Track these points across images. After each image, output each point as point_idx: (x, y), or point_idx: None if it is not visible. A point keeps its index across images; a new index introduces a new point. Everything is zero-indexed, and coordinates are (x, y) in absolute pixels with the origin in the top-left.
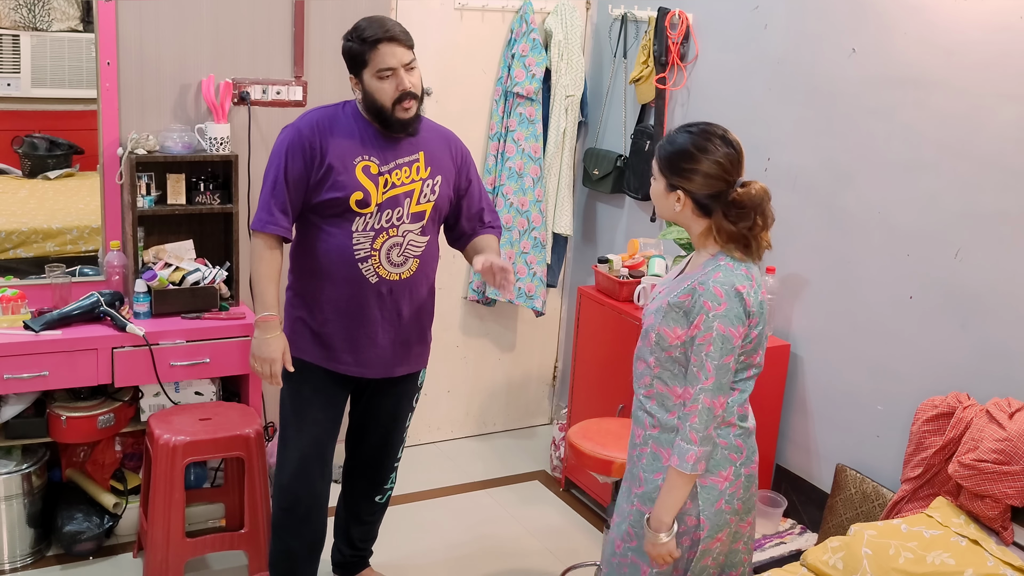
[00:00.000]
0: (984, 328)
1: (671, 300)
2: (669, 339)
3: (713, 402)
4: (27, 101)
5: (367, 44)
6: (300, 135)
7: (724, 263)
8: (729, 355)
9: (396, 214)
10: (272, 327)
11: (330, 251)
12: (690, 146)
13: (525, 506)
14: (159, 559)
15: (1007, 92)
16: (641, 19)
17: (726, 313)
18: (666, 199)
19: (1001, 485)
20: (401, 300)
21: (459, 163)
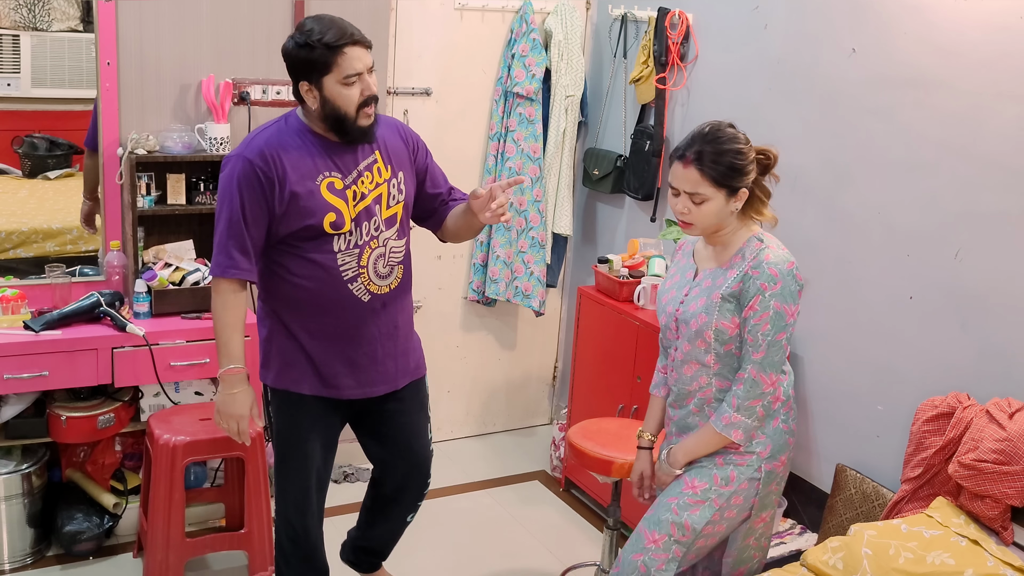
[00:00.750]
0: (984, 328)
1: (724, 293)
2: (729, 331)
3: (761, 375)
4: (27, 101)
5: (331, 49)
6: (251, 166)
7: (767, 244)
8: (782, 332)
9: (373, 224)
10: (238, 381)
11: (314, 277)
12: (734, 146)
13: (525, 506)
14: (159, 559)
15: (1007, 92)
16: (641, 19)
17: (782, 291)
18: (726, 206)
19: (1001, 485)
20: (396, 312)
21: (413, 150)
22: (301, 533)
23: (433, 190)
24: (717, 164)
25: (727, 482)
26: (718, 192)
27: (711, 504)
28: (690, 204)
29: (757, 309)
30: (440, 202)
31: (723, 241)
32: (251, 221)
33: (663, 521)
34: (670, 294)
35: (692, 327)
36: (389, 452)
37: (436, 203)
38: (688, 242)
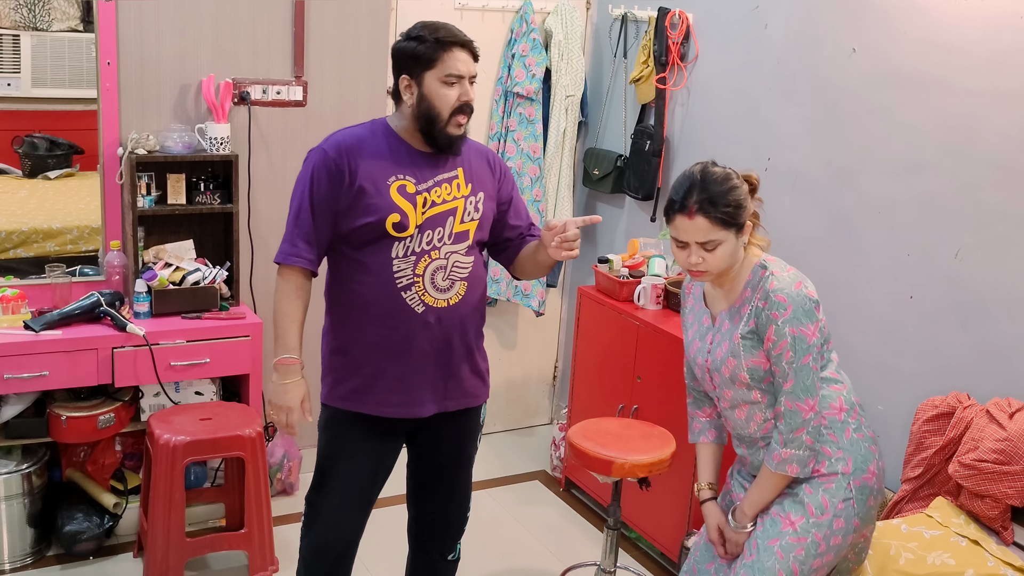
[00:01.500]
0: (984, 328)
1: (742, 332)
2: (762, 367)
3: (796, 403)
4: (27, 101)
5: (441, 44)
6: (326, 157)
7: (772, 271)
8: (806, 355)
9: (438, 235)
10: (291, 371)
11: (369, 283)
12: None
13: (525, 506)
14: (159, 559)
15: (1007, 92)
16: (641, 19)
17: (794, 315)
18: (737, 242)
19: (1001, 485)
20: (451, 329)
21: (499, 178)
22: (328, 549)
23: (515, 221)
24: (722, 206)
25: (822, 510)
26: (728, 233)
27: (813, 539)
28: (703, 253)
29: (775, 339)
30: (518, 235)
31: (730, 278)
32: (318, 212)
33: (769, 569)
34: (695, 345)
35: (725, 373)
36: (431, 476)
37: (514, 236)
38: (695, 286)
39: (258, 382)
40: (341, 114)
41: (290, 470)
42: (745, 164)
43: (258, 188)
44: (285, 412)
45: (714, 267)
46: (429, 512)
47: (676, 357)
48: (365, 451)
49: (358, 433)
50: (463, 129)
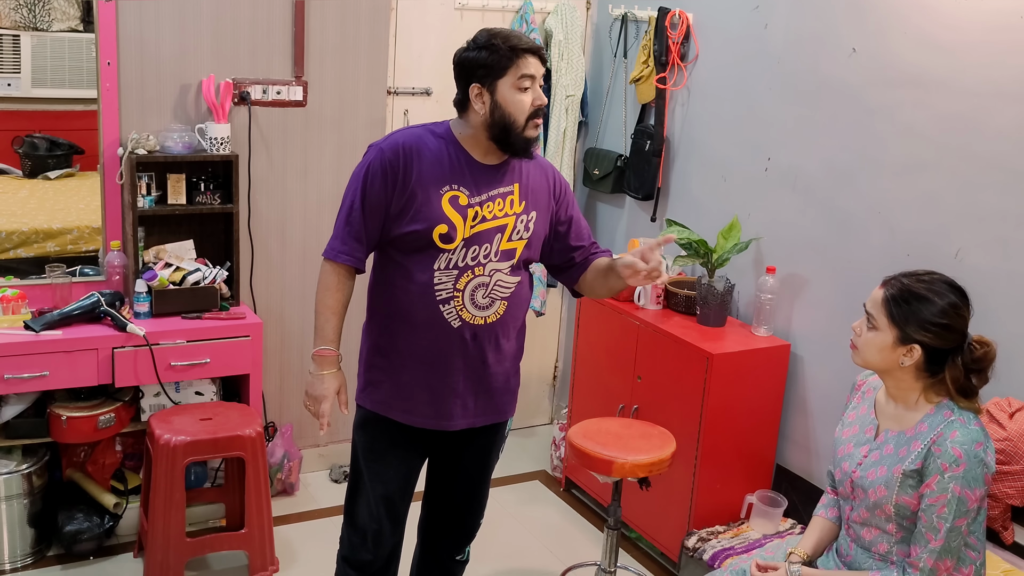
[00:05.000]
0: (984, 328)
1: (906, 469)
2: (912, 507)
3: (938, 564)
4: (27, 101)
5: (515, 51)
6: (383, 156)
7: (956, 418)
8: (963, 518)
9: (483, 251)
10: (328, 363)
11: (409, 291)
12: (930, 295)
13: (525, 506)
14: (159, 559)
15: (1007, 92)
16: (641, 19)
17: (964, 475)
18: (892, 352)
19: (1001, 485)
20: (486, 347)
21: (559, 196)
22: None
23: (576, 242)
24: (900, 299)
25: None
26: (892, 329)
27: None
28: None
29: (935, 489)
30: (582, 257)
31: (904, 399)
32: (369, 211)
33: None
34: (846, 448)
35: (871, 497)
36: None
37: (578, 257)
38: (871, 387)
39: (258, 382)
40: (341, 114)
41: (290, 470)
42: (745, 164)
43: (258, 188)
44: (317, 402)
45: (869, 349)
46: (444, 516)
47: (676, 357)
48: (397, 457)
49: (390, 438)
50: (539, 131)
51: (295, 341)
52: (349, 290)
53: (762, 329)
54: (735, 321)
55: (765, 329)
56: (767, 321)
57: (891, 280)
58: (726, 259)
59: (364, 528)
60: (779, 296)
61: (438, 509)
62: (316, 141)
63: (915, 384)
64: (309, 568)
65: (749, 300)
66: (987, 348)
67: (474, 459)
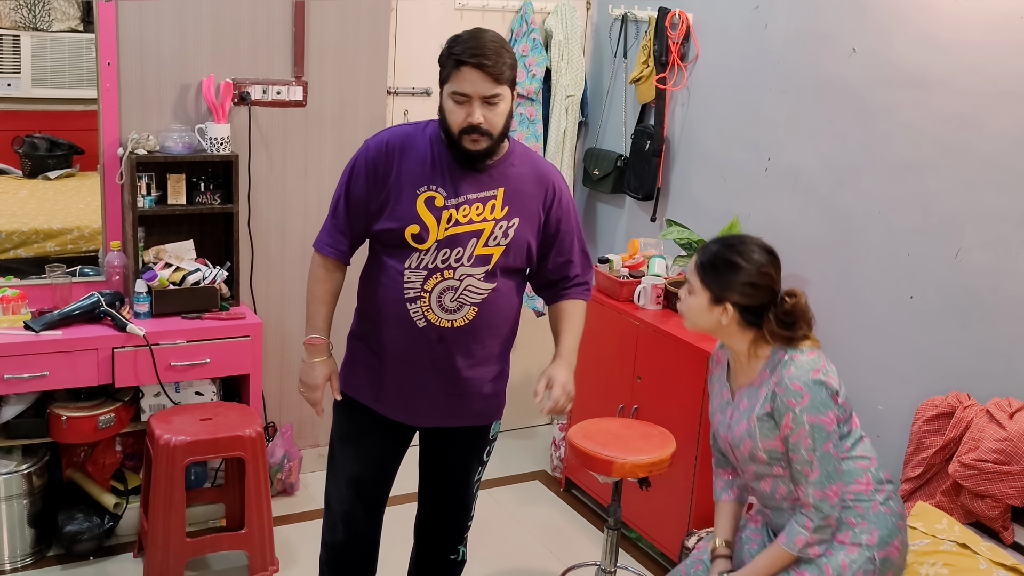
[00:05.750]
0: (984, 328)
1: (758, 414)
2: (779, 448)
3: (825, 493)
4: (27, 101)
5: (451, 60)
6: (367, 154)
7: (788, 357)
8: (827, 442)
9: (455, 254)
10: (318, 351)
11: (383, 285)
12: (736, 257)
13: (525, 506)
14: (159, 559)
15: (1007, 92)
16: (641, 19)
17: (811, 404)
18: (709, 312)
19: (1001, 485)
20: (455, 350)
21: (549, 206)
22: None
23: (552, 263)
24: (706, 262)
25: (839, 571)
26: (704, 291)
27: None
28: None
29: (792, 427)
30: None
31: (743, 355)
32: (353, 206)
33: None
34: (716, 417)
35: (744, 451)
36: (436, 480)
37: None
38: (724, 355)
39: (258, 382)
40: (341, 114)
41: (290, 470)
42: (745, 164)
43: (258, 188)
44: (312, 390)
45: (690, 313)
46: (431, 515)
47: (676, 357)
48: (371, 441)
49: (365, 423)
50: (480, 146)
51: (295, 341)
52: (338, 280)
53: None
54: None
55: None
56: None
57: (705, 246)
58: None
59: (335, 510)
60: None
61: (426, 508)
62: (316, 141)
63: (745, 339)
64: (309, 568)
65: None
66: (796, 300)
67: (455, 461)
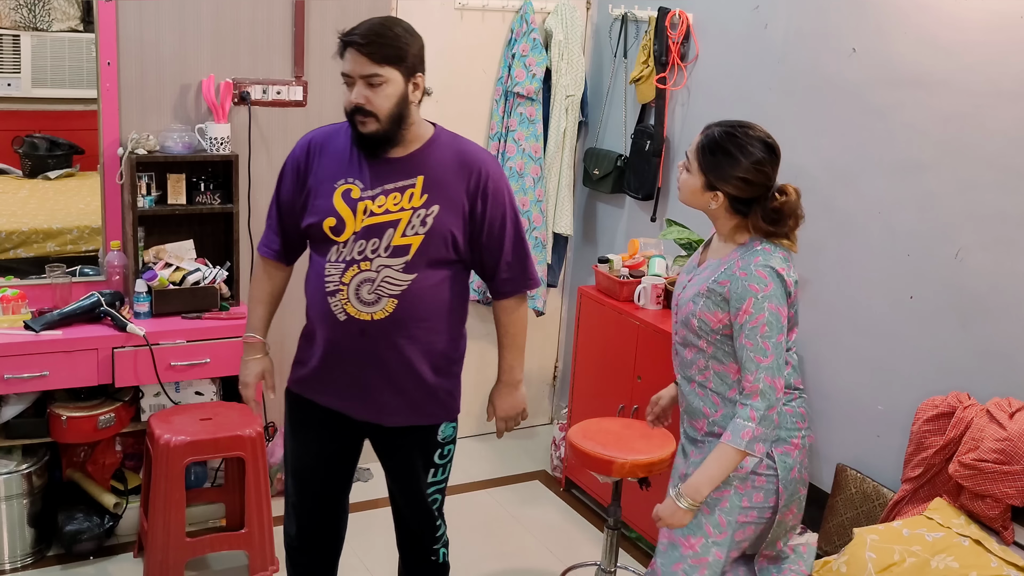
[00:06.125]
0: (984, 328)
1: (709, 285)
2: (712, 323)
3: (775, 381)
4: (27, 101)
5: (341, 43)
6: (295, 154)
7: (761, 247)
8: (781, 333)
9: (372, 245)
10: (252, 349)
11: (311, 280)
12: (735, 150)
13: (525, 506)
14: (159, 559)
15: (1007, 92)
16: (641, 19)
17: (773, 293)
18: (702, 195)
19: (1002, 485)
20: (379, 344)
21: (475, 192)
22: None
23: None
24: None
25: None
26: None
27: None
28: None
29: (752, 312)
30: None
31: (723, 234)
32: (284, 205)
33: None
34: (680, 278)
35: (683, 313)
36: (393, 482)
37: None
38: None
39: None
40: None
41: None
42: None
43: (258, 188)
44: (243, 386)
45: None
46: (397, 520)
47: None
48: (314, 436)
49: (307, 417)
50: (368, 129)
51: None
52: (277, 279)
53: None
54: None
55: None
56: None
57: (709, 128)
58: None
59: (287, 501)
60: None
61: (396, 513)
62: None
63: (729, 222)
64: None
65: None
66: (787, 198)
67: (402, 463)
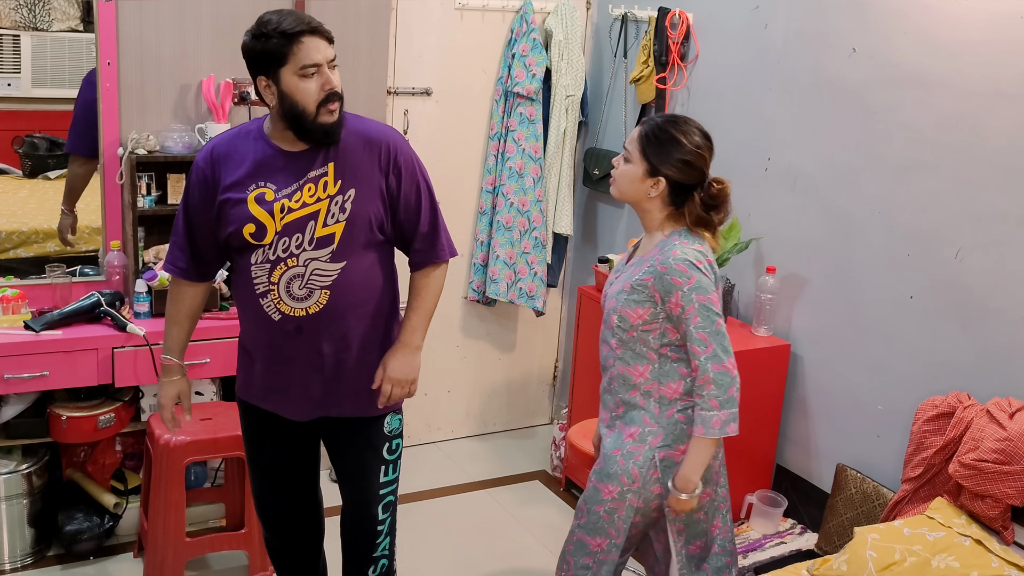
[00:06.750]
0: (984, 328)
1: (632, 282)
2: (631, 319)
3: (722, 366)
4: (27, 101)
5: (288, 37)
6: (198, 167)
7: (679, 241)
8: (717, 319)
9: (295, 241)
10: (169, 371)
11: (239, 287)
12: (679, 134)
13: (525, 506)
14: (159, 559)
15: (1007, 92)
16: (641, 19)
17: (698, 284)
18: (641, 183)
19: (1002, 485)
20: (319, 338)
21: (386, 167)
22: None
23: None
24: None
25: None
26: (642, 162)
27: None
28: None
29: (683, 306)
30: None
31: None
32: (194, 220)
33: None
34: (609, 277)
35: (607, 307)
36: (341, 482)
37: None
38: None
39: None
40: None
41: None
42: (745, 164)
43: None
44: (162, 408)
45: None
46: (342, 520)
47: None
48: (265, 441)
49: (259, 424)
50: (336, 115)
51: None
52: (190, 298)
53: (762, 329)
54: (735, 321)
55: (765, 329)
56: (767, 321)
57: (648, 119)
58: (726, 259)
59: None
60: (779, 296)
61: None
62: None
63: (659, 215)
64: None
65: (749, 300)
66: (722, 186)
67: (349, 455)
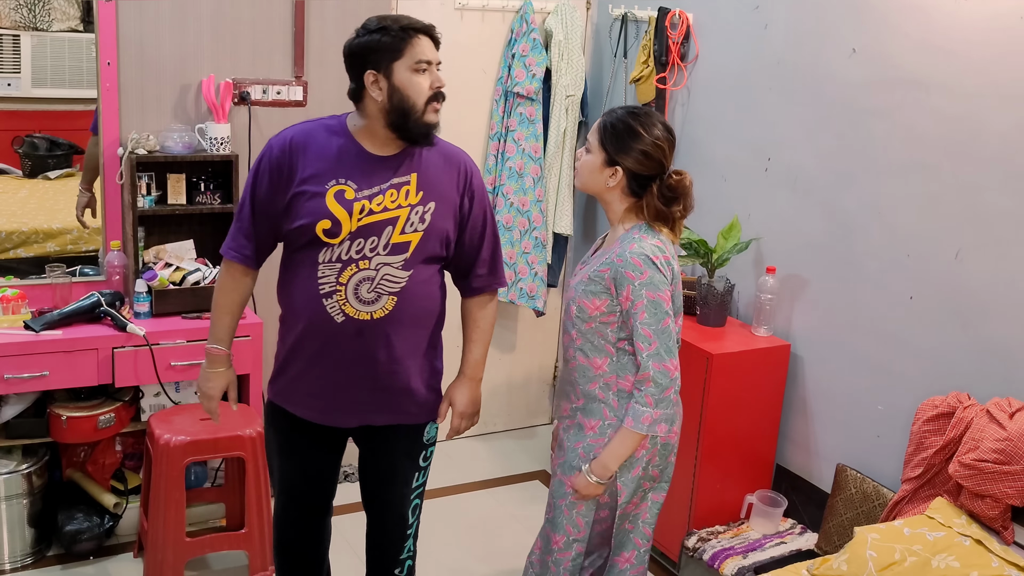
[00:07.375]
0: (984, 328)
1: (591, 273)
2: (589, 311)
3: (663, 365)
4: (27, 101)
5: (405, 32)
6: (271, 154)
7: (638, 235)
8: (665, 318)
9: (371, 244)
10: (216, 361)
11: (297, 286)
12: (637, 126)
13: (525, 506)
14: (159, 559)
15: (1007, 92)
16: (641, 19)
17: (650, 280)
18: (600, 172)
19: (1001, 485)
20: (376, 344)
21: (463, 188)
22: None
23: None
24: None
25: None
26: (601, 152)
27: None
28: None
29: (632, 299)
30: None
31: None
32: (260, 208)
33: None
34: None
35: (566, 299)
36: (365, 497)
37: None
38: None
39: (258, 382)
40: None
41: None
42: (745, 164)
43: None
44: (207, 400)
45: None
46: (370, 524)
47: None
48: (298, 450)
49: (290, 430)
50: (438, 117)
51: None
52: (244, 287)
53: (762, 329)
54: (735, 321)
55: (765, 329)
56: (767, 321)
57: (612, 110)
58: (726, 259)
59: (275, 514)
60: (779, 296)
61: (368, 517)
62: None
63: (620, 207)
64: None
65: (749, 300)
66: (681, 178)
67: (385, 462)
